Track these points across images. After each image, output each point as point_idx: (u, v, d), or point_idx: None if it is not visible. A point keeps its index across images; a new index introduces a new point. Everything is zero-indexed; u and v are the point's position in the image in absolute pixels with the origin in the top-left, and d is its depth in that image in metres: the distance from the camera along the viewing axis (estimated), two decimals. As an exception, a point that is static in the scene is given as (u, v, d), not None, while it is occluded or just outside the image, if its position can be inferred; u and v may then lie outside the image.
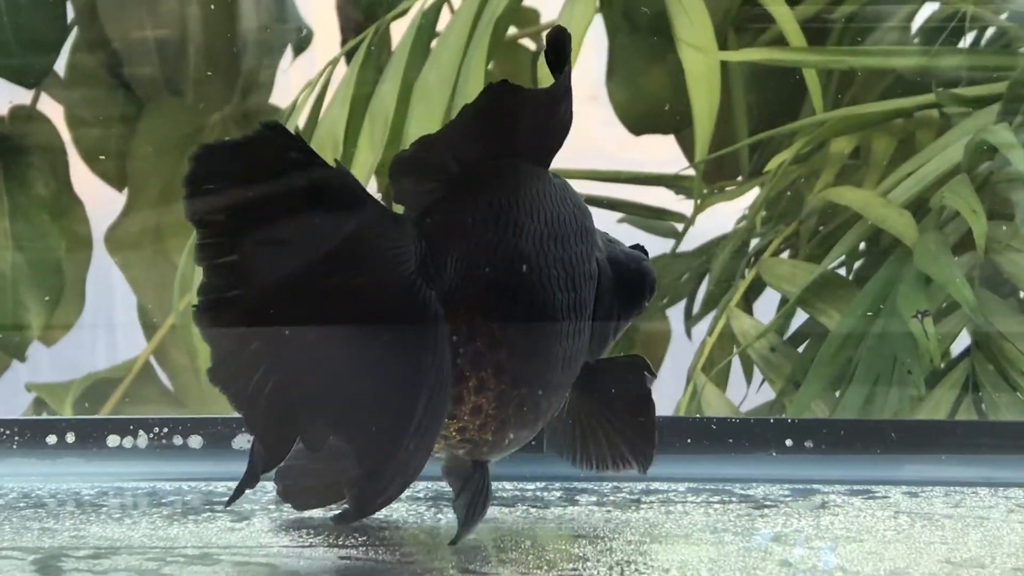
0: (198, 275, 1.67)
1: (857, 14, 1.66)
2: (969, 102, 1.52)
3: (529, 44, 1.87)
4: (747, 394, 1.61)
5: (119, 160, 2.03)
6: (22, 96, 1.99)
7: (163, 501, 1.24)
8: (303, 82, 2.06)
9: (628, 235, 1.70)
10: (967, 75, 1.56)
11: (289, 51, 2.05)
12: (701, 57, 1.57)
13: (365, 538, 1.10)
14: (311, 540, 1.12)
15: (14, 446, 1.28)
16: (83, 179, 2.04)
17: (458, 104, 1.69)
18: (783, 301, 1.64)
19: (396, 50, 1.71)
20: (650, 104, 1.85)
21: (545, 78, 1.08)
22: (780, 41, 1.68)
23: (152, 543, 1.12)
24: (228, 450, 1.26)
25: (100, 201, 2.06)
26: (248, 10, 2.03)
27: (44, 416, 1.43)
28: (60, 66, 2.01)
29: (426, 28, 1.73)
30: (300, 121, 1.76)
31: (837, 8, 1.66)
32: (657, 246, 1.82)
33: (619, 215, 1.84)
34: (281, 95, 2.05)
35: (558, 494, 1.22)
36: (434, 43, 1.77)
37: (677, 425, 1.25)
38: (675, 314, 1.75)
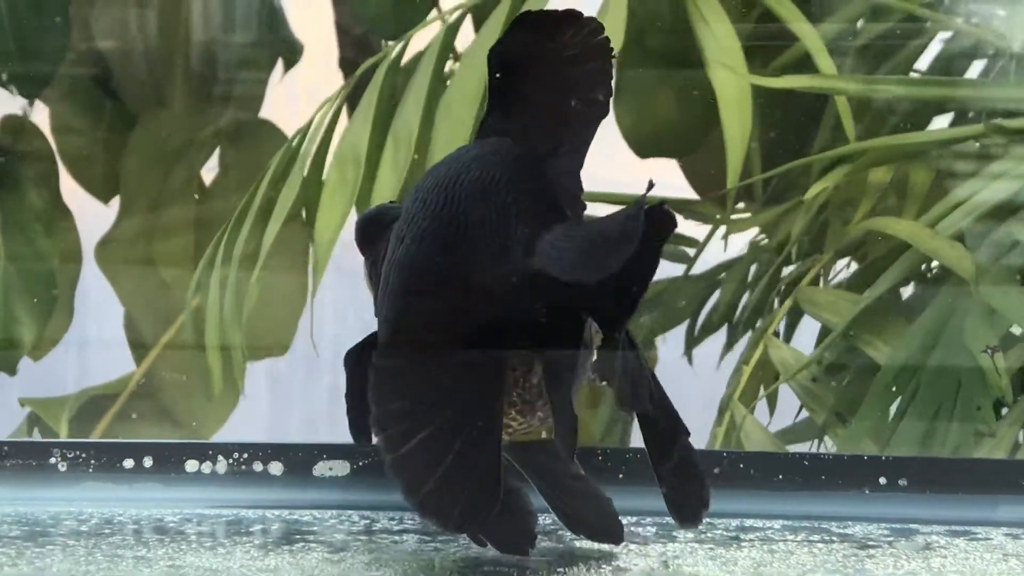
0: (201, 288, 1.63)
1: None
2: (1013, 133, 1.51)
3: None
4: (794, 421, 1.58)
5: (106, 172, 1.97)
6: (13, 106, 1.92)
7: (250, 529, 1.18)
8: (293, 96, 2.02)
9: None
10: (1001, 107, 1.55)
11: (280, 65, 2.00)
12: (733, 80, 1.54)
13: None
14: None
15: (90, 469, 1.21)
16: (69, 191, 1.98)
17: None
18: (823, 331, 1.61)
19: (419, 68, 1.66)
20: (657, 127, 1.82)
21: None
22: (794, 64, 1.65)
23: (253, 574, 1.05)
24: (309, 477, 1.20)
25: (87, 213, 1.99)
26: (238, 23, 1.97)
27: (120, 439, 1.36)
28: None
29: (447, 46, 1.68)
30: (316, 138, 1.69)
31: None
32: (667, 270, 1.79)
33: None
34: (270, 109, 2.01)
35: (653, 529, 1.17)
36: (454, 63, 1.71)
37: (768, 461, 1.21)
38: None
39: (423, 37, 1.78)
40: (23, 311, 1.89)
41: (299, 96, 2.02)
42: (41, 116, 1.96)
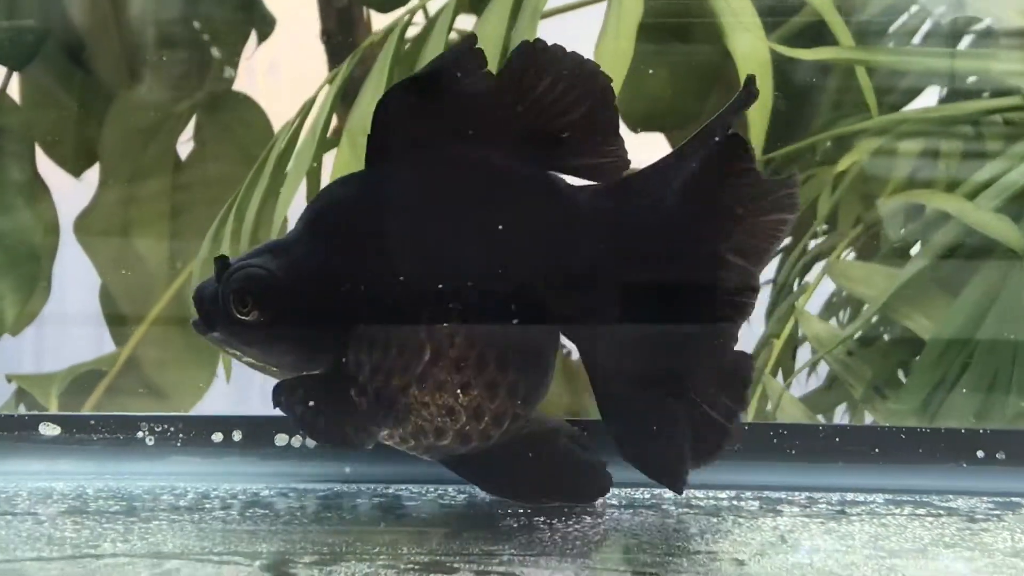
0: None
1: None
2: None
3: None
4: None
5: (80, 146, 1.91)
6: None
7: (355, 504, 1.16)
8: (266, 68, 1.99)
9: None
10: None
11: (253, 37, 1.96)
12: (753, 51, 1.53)
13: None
14: (541, 546, 1.05)
15: (178, 443, 1.17)
16: (44, 165, 1.92)
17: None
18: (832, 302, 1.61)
19: (429, 39, 1.64)
20: (651, 102, 1.82)
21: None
22: (794, 35, 1.65)
23: (372, 548, 1.05)
24: (398, 452, 1.17)
25: (61, 188, 1.94)
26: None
27: (208, 413, 1.32)
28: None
29: (454, 16, 1.66)
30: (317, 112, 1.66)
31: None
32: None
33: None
34: (245, 81, 1.97)
35: (756, 504, 1.18)
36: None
37: (865, 434, 1.22)
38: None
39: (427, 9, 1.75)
40: (5, 287, 1.83)
41: (275, 68, 1.98)
42: (14, 89, 1.89)
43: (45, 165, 1.93)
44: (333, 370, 1.10)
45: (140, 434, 1.22)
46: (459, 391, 1.10)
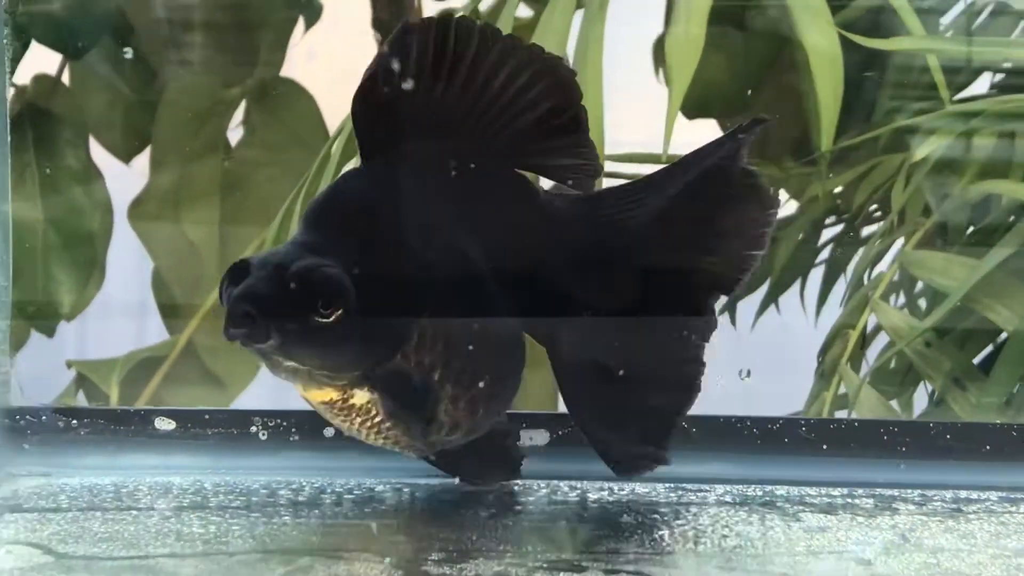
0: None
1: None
2: None
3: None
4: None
5: (129, 132, 1.90)
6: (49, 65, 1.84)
7: (469, 500, 1.15)
8: (313, 55, 1.98)
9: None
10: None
11: (300, 24, 1.95)
12: (824, 38, 1.53)
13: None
14: (662, 544, 1.07)
15: (292, 438, 1.17)
16: (95, 151, 1.91)
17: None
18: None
19: (499, 23, 1.63)
20: (705, 88, 1.81)
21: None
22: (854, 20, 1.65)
23: (497, 544, 1.06)
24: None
25: (113, 174, 1.93)
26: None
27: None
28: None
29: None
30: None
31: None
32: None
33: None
34: (292, 68, 1.96)
35: (870, 502, 1.18)
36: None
37: (975, 432, 1.21)
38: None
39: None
40: (63, 273, 1.81)
41: (324, 55, 1.97)
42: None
43: (96, 151, 1.92)
44: (398, 366, 1.08)
45: (253, 428, 1.20)
46: (480, 384, 1.10)
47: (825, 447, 1.22)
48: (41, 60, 1.84)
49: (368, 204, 1.09)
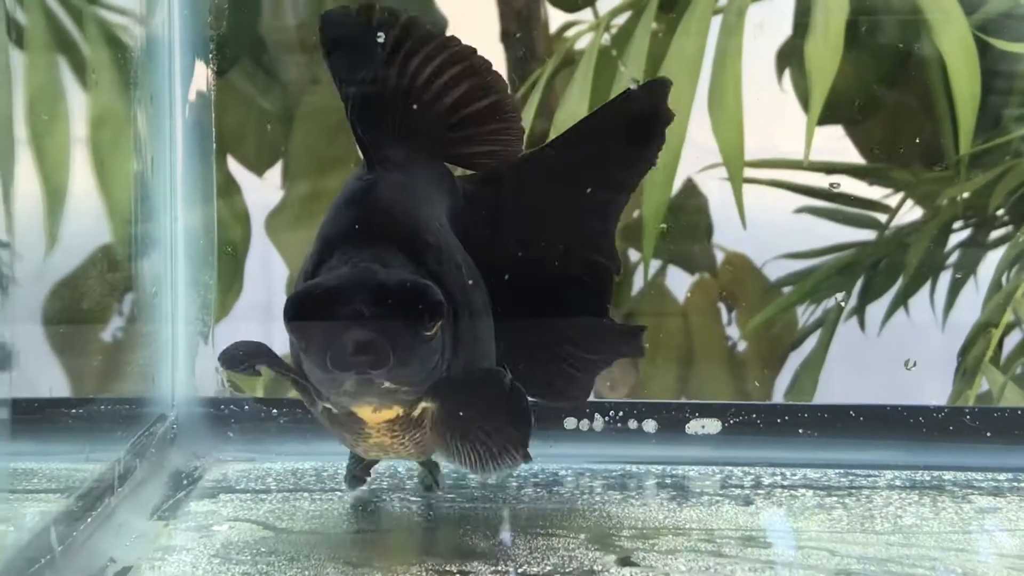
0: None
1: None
2: None
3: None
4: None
5: (262, 146, 2.01)
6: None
7: (643, 484, 1.26)
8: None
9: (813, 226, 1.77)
10: None
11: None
12: (959, 41, 1.62)
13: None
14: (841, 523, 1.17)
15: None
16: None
17: (702, 95, 1.71)
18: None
19: (635, 35, 1.72)
20: (833, 95, 1.89)
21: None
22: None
23: (686, 524, 1.17)
24: (682, 434, 1.27)
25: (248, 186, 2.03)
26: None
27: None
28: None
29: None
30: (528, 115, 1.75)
31: None
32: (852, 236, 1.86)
33: (797, 206, 1.87)
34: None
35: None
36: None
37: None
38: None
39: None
40: (214, 280, 1.93)
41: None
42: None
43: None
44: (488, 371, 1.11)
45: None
46: None
47: (989, 435, 1.31)
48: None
49: (404, 210, 1.11)
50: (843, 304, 1.65)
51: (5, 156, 1.01)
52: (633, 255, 1.80)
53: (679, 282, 1.85)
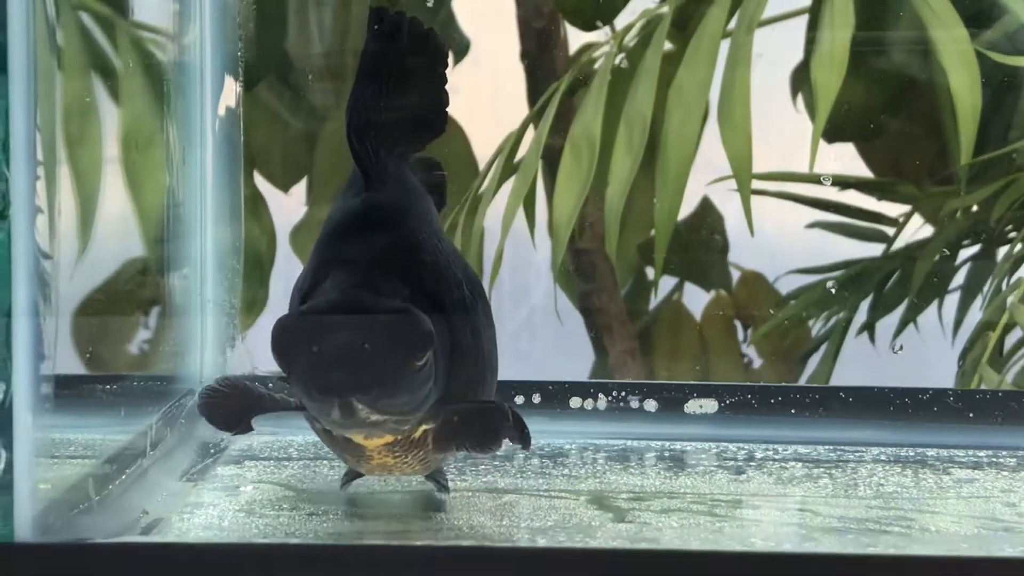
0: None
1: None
2: None
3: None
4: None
5: (288, 162, 2.14)
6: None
7: (644, 457, 1.40)
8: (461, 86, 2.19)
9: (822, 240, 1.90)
10: None
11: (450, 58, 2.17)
12: (960, 54, 1.76)
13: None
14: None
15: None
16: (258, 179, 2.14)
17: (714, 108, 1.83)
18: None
19: (647, 53, 1.85)
20: (843, 112, 2.01)
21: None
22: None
23: (680, 490, 1.31)
24: (681, 414, 1.43)
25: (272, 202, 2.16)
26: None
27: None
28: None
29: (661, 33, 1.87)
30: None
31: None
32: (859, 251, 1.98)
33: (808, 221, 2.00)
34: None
35: (1014, 460, 1.43)
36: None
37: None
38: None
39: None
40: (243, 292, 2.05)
41: (472, 88, 2.20)
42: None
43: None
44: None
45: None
46: None
47: (971, 415, 1.46)
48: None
49: (402, 229, 1.11)
50: (832, 291, 1.78)
51: (48, 167, 1.07)
52: (650, 272, 1.92)
53: (696, 299, 1.97)
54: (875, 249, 2.01)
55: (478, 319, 1.13)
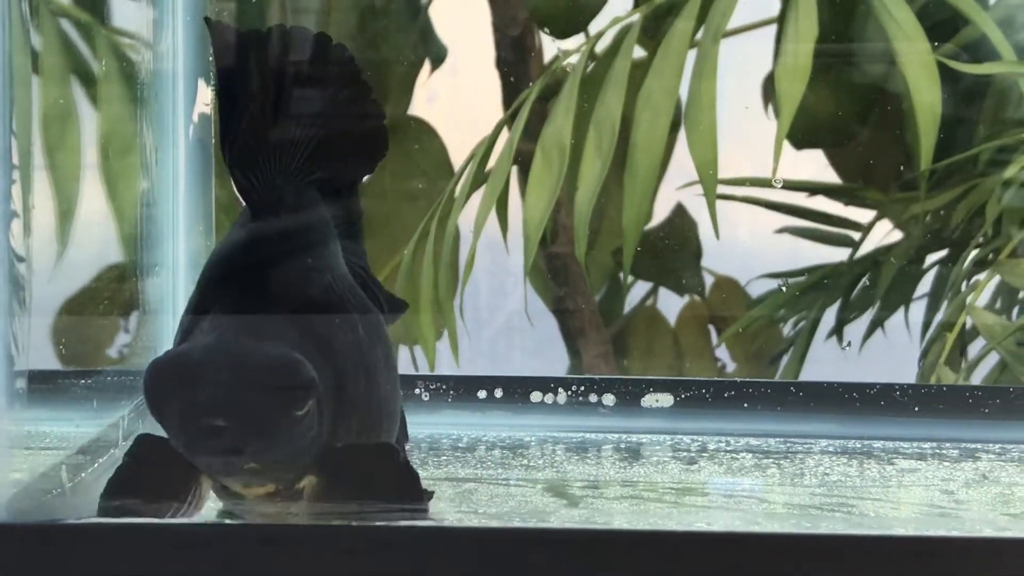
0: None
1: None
2: None
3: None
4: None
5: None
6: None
7: (600, 449, 1.50)
8: (434, 97, 2.29)
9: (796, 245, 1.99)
10: None
11: (427, 65, 2.27)
12: (920, 61, 1.84)
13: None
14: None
15: (449, 399, 1.52)
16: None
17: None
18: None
19: (616, 59, 1.94)
20: (811, 119, 2.11)
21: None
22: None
23: (633, 479, 1.41)
24: (637, 407, 1.53)
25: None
26: (391, 31, 2.25)
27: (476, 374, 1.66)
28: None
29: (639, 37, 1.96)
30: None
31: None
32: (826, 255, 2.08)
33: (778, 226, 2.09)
34: (418, 107, 2.27)
35: (956, 452, 1.51)
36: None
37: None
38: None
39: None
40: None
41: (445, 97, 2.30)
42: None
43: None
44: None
45: (417, 391, 1.56)
46: None
47: (917, 409, 1.56)
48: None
49: (291, 267, 1.07)
50: (784, 288, 1.87)
51: (24, 171, 1.10)
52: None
53: (670, 304, 2.05)
54: (844, 254, 2.08)
55: (374, 361, 1.08)
